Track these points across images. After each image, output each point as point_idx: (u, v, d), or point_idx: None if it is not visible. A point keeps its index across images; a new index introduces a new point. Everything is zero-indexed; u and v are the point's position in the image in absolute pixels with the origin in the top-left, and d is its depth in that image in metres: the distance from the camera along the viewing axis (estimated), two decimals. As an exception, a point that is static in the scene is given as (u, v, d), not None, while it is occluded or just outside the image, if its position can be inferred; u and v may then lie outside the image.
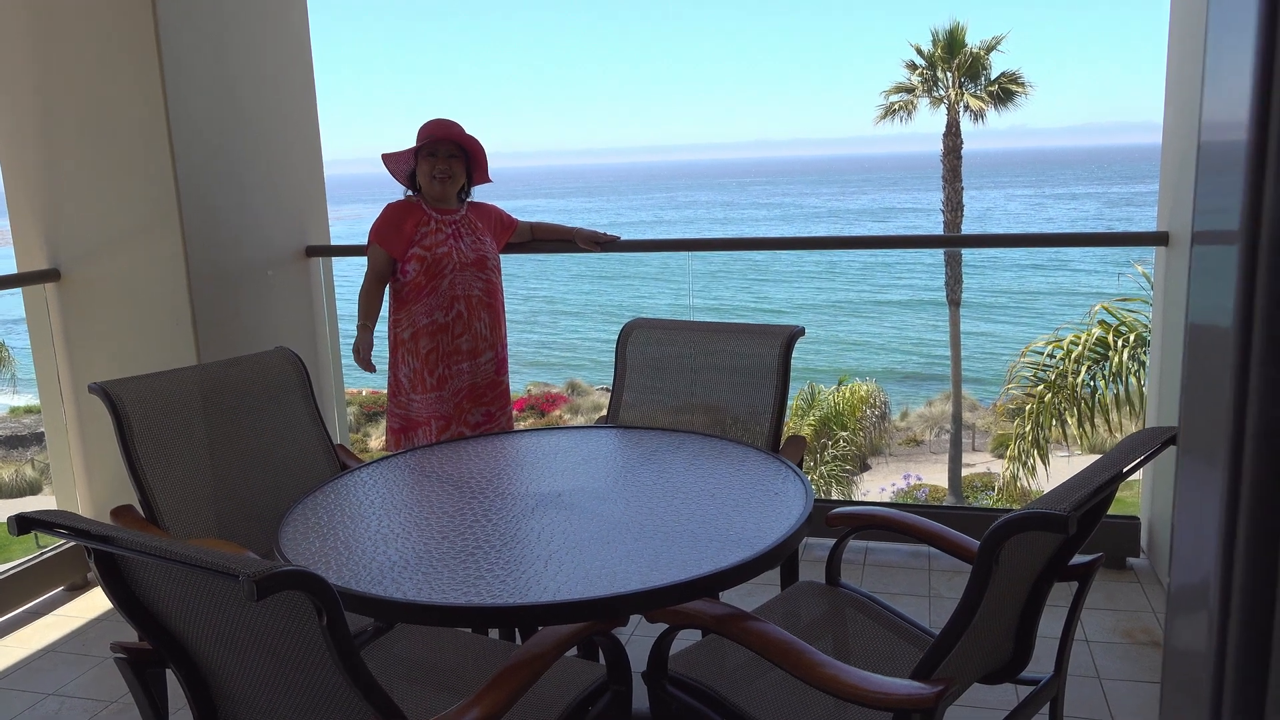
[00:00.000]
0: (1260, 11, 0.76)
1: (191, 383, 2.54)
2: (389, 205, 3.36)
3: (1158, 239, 3.43)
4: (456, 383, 3.28)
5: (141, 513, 2.35)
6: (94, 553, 1.55)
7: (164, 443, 2.41)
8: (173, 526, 2.37)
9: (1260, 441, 0.76)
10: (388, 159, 3.35)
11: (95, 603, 3.56)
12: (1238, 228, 0.78)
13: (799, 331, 2.84)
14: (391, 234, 3.27)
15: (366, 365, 3.24)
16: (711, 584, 1.79)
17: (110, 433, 2.36)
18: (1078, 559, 1.97)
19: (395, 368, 3.33)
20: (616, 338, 3.12)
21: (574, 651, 2.19)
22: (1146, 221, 50.41)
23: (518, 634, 2.56)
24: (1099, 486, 1.64)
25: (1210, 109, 0.89)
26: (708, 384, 2.94)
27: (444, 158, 3.28)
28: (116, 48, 3.39)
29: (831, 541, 2.44)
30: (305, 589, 1.37)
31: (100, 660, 3.13)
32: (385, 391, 3.45)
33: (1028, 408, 9.17)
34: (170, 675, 1.72)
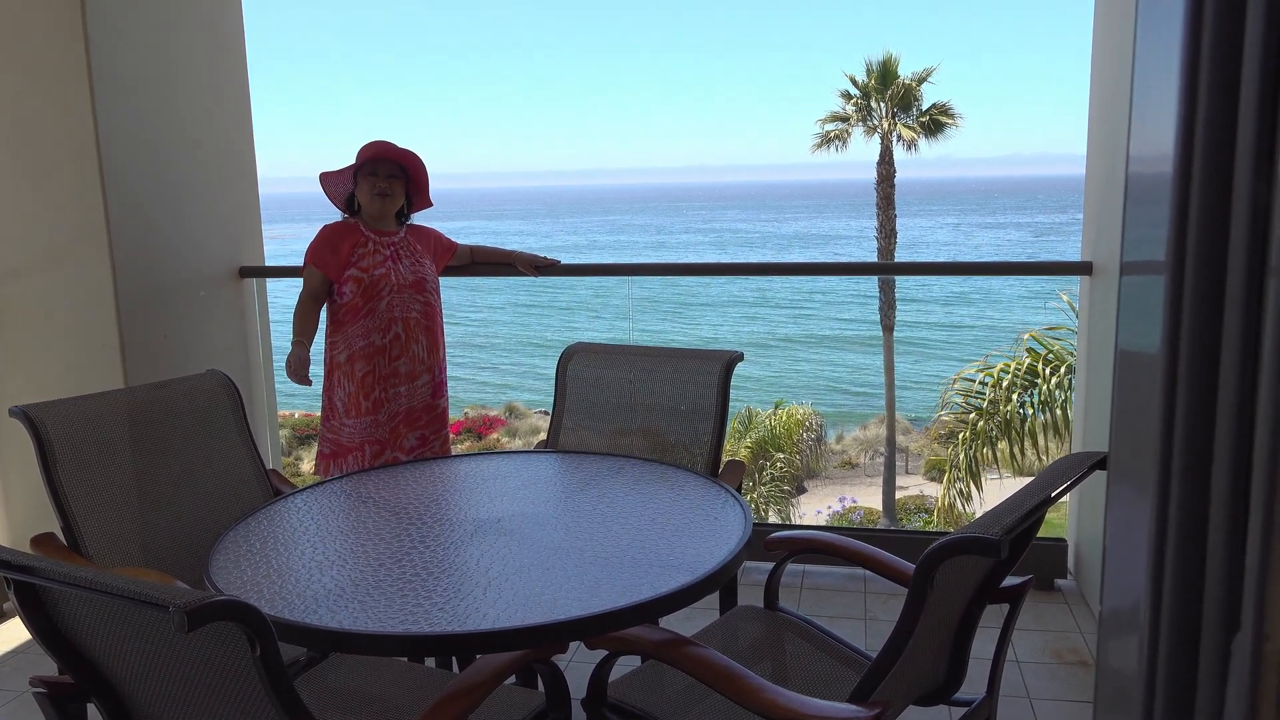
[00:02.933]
0: (1184, 50, 0.79)
1: (119, 406, 2.47)
2: (326, 226, 3.30)
3: (1082, 268, 3.54)
4: (392, 406, 3.24)
5: (64, 541, 2.28)
6: (14, 583, 1.50)
7: (89, 468, 2.34)
8: (97, 555, 2.29)
9: (1187, 464, 0.79)
10: (326, 179, 3.31)
11: (11, 635, 3.42)
12: (1164, 258, 0.81)
13: (738, 356, 2.87)
14: (328, 255, 3.22)
15: (302, 379, 3.15)
16: (652, 609, 1.79)
17: (29, 458, 2.29)
18: (1008, 581, 2.01)
19: (330, 391, 3.27)
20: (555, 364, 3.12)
21: (512, 679, 2.17)
22: (1069, 251, 51.89)
23: (455, 662, 2.53)
24: (1029, 511, 1.68)
25: (1137, 144, 0.93)
26: (647, 408, 2.95)
27: (384, 176, 3.25)
28: (44, 61, 3.31)
29: (769, 565, 2.46)
30: (238, 619, 1.33)
31: (17, 695, 3.00)
32: (318, 414, 3.38)
33: (961, 435, 9.36)
34: (93, 710, 1.66)
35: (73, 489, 2.29)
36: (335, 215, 3.37)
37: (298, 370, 3.13)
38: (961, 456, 9.42)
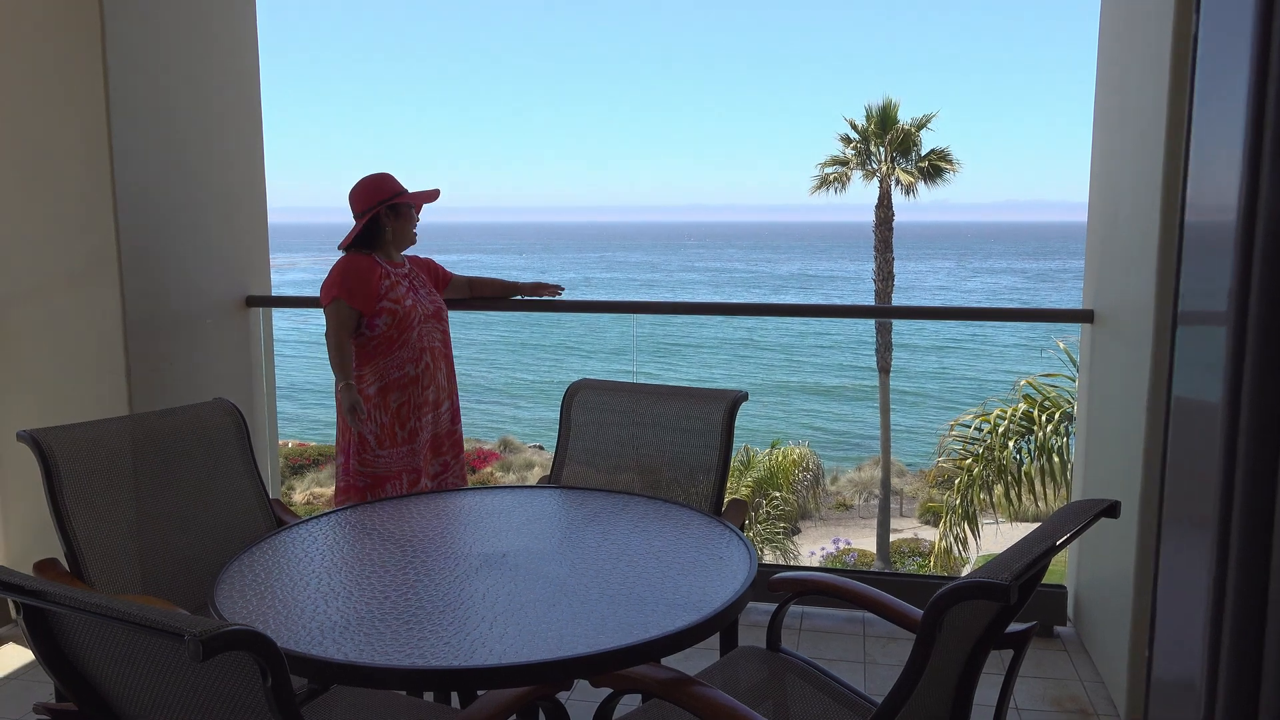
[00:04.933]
0: (1249, 98, 0.79)
1: (125, 433, 2.47)
2: (347, 261, 3.24)
3: (1084, 316, 3.57)
4: (423, 435, 3.26)
5: (66, 566, 2.27)
6: (23, 608, 1.49)
7: (94, 494, 2.34)
8: (99, 581, 2.28)
9: (1249, 517, 0.79)
10: (404, 193, 3.28)
11: (7, 660, 3.39)
12: (1225, 309, 0.81)
13: (742, 396, 2.88)
14: (359, 288, 3.18)
15: (361, 422, 3.17)
16: (657, 648, 1.79)
17: (29, 482, 2.28)
18: (1013, 627, 2.01)
19: (360, 424, 3.21)
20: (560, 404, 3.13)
21: (514, 716, 2.15)
22: (1064, 297, 52.09)
23: (455, 697, 2.51)
24: (1037, 557, 1.69)
25: (1195, 193, 0.93)
26: (652, 446, 2.96)
27: (414, 215, 3.33)
28: (63, 91, 3.35)
29: (766, 605, 2.46)
30: (251, 649, 1.33)
31: (7, 722, 2.97)
32: (312, 444, 3.39)
33: (957, 481, 9.37)
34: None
35: (77, 514, 2.29)
36: (333, 244, 3.40)
37: (359, 411, 3.13)
38: (958, 502, 9.42)
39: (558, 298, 3.67)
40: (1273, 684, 0.77)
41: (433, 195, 3.36)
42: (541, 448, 21.78)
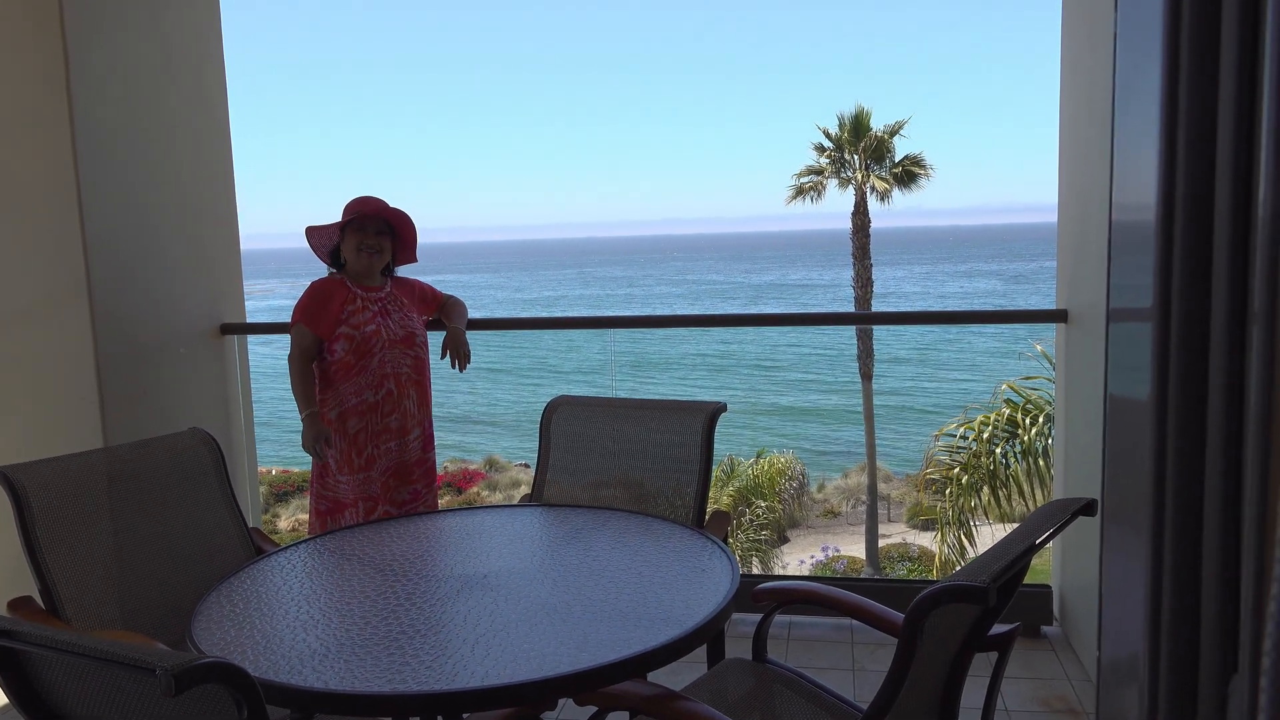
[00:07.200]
0: (1163, 101, 0.81)
1: (99, 466, 2.45)
2: (313, 284, 3.29)
3: (1057, 316, 3.59)
4: (384, 462, 3.22)
5: (41, 604, 2.24)
6: (-6, 648, 1.47)
7: (68, 530, 2.31)
8: (75, 618, 2.25)
9: (1180, 509, 0.80)
10: (312, 232, 3.31)
11: (-19, 702, 3.33)
12: (1150, 305, 0.83)
13: (721, 408, 2.88)
14: (318, 313, 3.20)
15: (322, 455, 3.18)
16: (641, 664, 1.78)
17: (3, 520, 2.25)
18: (996, 629, 2.01)
19: (325, 456, 3.23)
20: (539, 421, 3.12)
21: (500, 738, 2.13)
22: (1041, 299, 52.49)
23: (440, 721, 2.48)
24: (1016, 557, 1.69)
25: (1120, 192, 0.95)
26: (632, 460, 2.95)
27: (373, 233, 3.25)
28: (27, 115, 3.32)
29: (754, 616, 2.45)
30: (225, 681, 1.32)
31: (-14, 765, 2.92)
32: (295, 470, 3.36)
33: (947, 490, 9.38)
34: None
35: (51, 551, 2.26)
36: (308, 270, 3.37)
37: (321, 444, 3.13)
38: (950, 511, 9.43)
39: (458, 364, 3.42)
40: (1210, 663, 0.78)
41: (347, 226, 3.21)
42: (528, 465, 21.73)
